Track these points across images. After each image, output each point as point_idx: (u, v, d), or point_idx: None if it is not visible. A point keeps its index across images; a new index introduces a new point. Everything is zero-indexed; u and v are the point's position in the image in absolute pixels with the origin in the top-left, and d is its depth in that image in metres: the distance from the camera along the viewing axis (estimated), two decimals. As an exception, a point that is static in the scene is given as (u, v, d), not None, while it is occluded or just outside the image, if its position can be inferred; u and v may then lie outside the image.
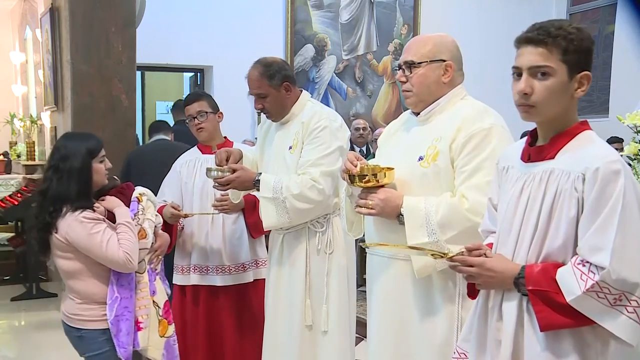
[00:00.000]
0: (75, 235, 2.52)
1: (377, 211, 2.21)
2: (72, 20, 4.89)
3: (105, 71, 4.92)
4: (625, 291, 1.57)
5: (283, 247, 2.96)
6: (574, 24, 1.72)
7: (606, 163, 1.60)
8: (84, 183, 2.59)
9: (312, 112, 2.89)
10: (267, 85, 2.86)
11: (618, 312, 1.58)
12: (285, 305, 2.94)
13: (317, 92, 8.13)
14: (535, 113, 1.71)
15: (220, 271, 3.28)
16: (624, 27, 8.02)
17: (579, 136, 1.71)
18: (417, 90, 2.28)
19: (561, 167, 1.67)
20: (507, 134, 2.20)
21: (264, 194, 2.81)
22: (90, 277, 2.59)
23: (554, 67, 1.66)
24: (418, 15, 8.59)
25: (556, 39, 1.66)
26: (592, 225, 1.59)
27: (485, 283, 1.77)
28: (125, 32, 4.98)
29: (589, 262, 1.59)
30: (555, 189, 1.66)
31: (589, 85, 1.70)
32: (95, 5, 4.88)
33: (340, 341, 2.89)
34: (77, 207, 2.55)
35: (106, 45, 4.92)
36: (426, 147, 2.23)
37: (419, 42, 2.31)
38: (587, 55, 1.69)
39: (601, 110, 8.37)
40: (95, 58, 4.91)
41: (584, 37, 1.68)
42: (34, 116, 7.41)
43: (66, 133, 2.92)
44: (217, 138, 3.39)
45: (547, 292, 1.63)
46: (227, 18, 7.49)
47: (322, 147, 2.81)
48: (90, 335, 2.60)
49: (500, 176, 1.88)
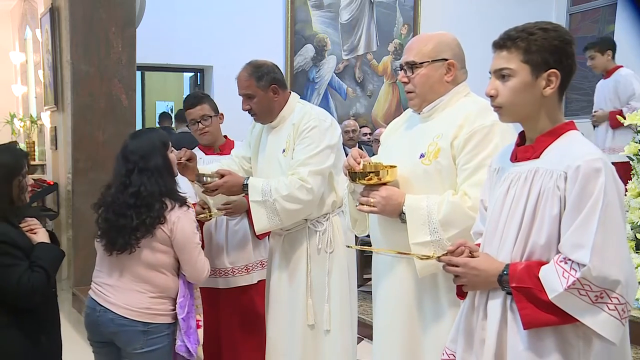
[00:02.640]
0: (182, 228, 2.58)
1: (378, 209, 2.20)
2: (72, 20, 4.88)
3: (105, 71, 4.92)
4: (606, 288, 1.59)
5: (284, 247, 2.96)
6: (544, 25, 1.73)
7: (587, 161, 1.62)
8: (171, 175, 2.66)
9: (302, 113, 2.91)
10: (254, 86, 2.89)
11: (599, 309, 1.60)
12: (287, 305, 2.94)
13: (317, 92, 8.13)
14: (504, 114, 1.78)
15: (223, 274, 3.27)
16: (624, 27, 8.01)
17: (564, 136, 1.73)
18: (420, 90, 2.26)
19: (545, 166, 1.69)
20: (510, 131, 2.18)
21: (253, 198, 2.82)
22: (173, 273, 2.65)
23: (514, 69, 1.72)
24: (418, 15, 8.59)
25: (515, 41, 1.72)
26: (574, 222, 1.61)
27: (471, 282, 1.79)
28: (125, 32, 4.98)
29: (571, 259, 1.61)
30: (539, 188, 1.68)
31: (559, 81, 1.71)
32: (95, 5, 4.88)
33: (342, 340, 2.89)
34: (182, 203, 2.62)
35: (106, 45, 4.92)
36: (427, 144, 2.22)
37: (420, 42, 2.28)
38: (556, 54, 1.70)
39: (601, 110, 8.36)
40: (95, 58, 4.91)
41: (549, 37, 1.70)
42: (34, 116, 7.40)
43: (133, 133, 2.84)
44: (219, 139, 3.42)
45: (530, 289, 1.64)
46: (227, 18, 7.48)
47: (310, 146, 2.82)
48: (156, 329, 2.60)
49: (492, 177, 1.89)
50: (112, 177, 2.68)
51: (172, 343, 2.63)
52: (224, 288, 3.27)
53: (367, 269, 6.12)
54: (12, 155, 2.47)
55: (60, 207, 5.36)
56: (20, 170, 2.44)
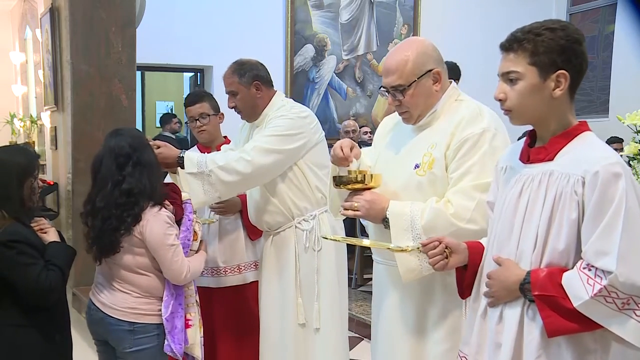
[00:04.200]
0: (151, 231, 2.52)
1: (362, 212, 2.19)
2: (72, 20, 4.88)
3: (105, 71, 4.91)
4: (634, 295, 1.56)
5: (273, 247, 2.97)
6: (551, 24, 1.69)
7: (606, 166, 1.59)
8: (157, 176, 2.59)
9: (279, 107, 2.91)
10: (237, 83, 2.91)
11: (627, 316, 1.57)
12: (278, 304, 2.96)
13: (317, 92, 8.13)
14: (514, 117, 1.74)
15: (215, 273, 3.26)
16: (624, 27, 8.01)
17: (578, 137, 1.70)
18: (414, 108, 2.22)
19: (560, 170, 1.66)
20: (501, 136, 2.15)
21: (188, 170, 2.75)
22: (155, 272, 2.60)
23: (521, 72, 1.68)
24: (418, 15, 8.59)
25: (522, 43, 1.68)
26: (596, 229, 1.57)
27: (497, 293, 1.75)
28: (125, 32, 4.97)
29: (595, 266, 1.57)
30: (554, 192, 1.65)
31: (569, 82, 1.67)
32: (95, 5, 4.87)
33: (333, 338, 2.90)
34: (157, 203, 2.55)
35: (106, 45, 4.91)
36: (422, 154, 2.20)
37: (398, 62, 2.18)
38: (564, 54, 1.66)
39: (601, 110, 8.36)
40: (95, 58, 4.90)
41: (557, 37, 1.66)
42: (34, 116, 7.39)
43: (113, 131, 2.70)
44: (217, 139, 3.39)
45: (554, 297, 1.61)
46: (227, 18, 7.48)
47: (269, 130, 2.82)
48: (143, 329, 2.58)
49: (499, 176, 1.87)
50: (95, 184, 2.59)
51: (163, 343, 2.60)
52: (216, 287, 3.26)
53: (367, 269, 6.13)
54: (26, 156, 2.50)
55: (60, 207, 5.36)
56: (32, 172, 2.47)
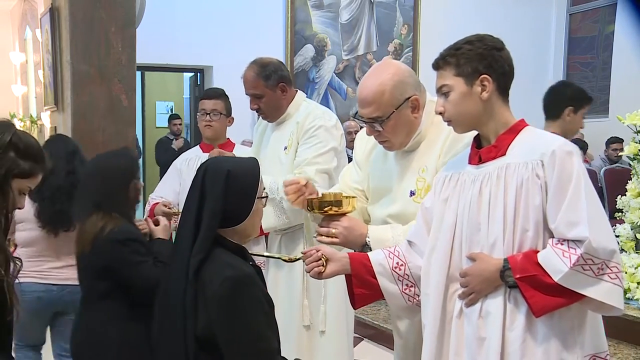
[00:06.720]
0: None
1: (340, 240, 2.12)
2: (72, 20, 4.88)
3: (105, 71, 4.91)
4: (606, 259, 1.66)
5: (281, 248, 2.96)
6: (470, 38, 1.84)
7: (560, 145, 1.73)
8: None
9: (307, 112, 2.90)
10: (263, 86, 2.87)
11: (603, 280, 1.67)
12: (283, 305, 2.94)
13: (317, 92, 8.13)
14: (456, 125, 1.88)
15: None
16: (624, 27, 8.01)
17: (523, 131, 1.83)
18: (394, 138, 2.15)
19: (516, 160, 1.76)
20: None
21: None
22: None
23: (450, 84, 1.83)
24: (418, 15, 8.60)
25: (446, 59, 1.84)
26: (562, 204, 1.68)
27: (477, 288, 1.78)
28: (125, 32, 4.97)
29: (567, 239, 1.67)
30: (516, 181, 1.74)
31: (494, 84, 1.80)
32: (95, 5, 4.87)
33: (338, 341, 2.90)
34: None
35: (106, 45, 4.91)
36: (414, 179, 2.16)
37: (374, 93, 2.09)
38: (484, 60, 1.80)
39: (601, 110, 8.37)
40: (95, 58, 4.90)
41: (475, 47, 1.81)
42: (34, 116, 7.40)
43: None
44: (221, 138, 3.43)
45: (535, 276, 1.69)
46: (227, 18, 7.49)
47: (317, 145, 2.81)
48: None
49: (442, 184, 1.91)
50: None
51: None
52: None
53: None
54: (128, 159, 2.57)
55: (60, 207, 5.36)
56: (136, 173, 2.54)
